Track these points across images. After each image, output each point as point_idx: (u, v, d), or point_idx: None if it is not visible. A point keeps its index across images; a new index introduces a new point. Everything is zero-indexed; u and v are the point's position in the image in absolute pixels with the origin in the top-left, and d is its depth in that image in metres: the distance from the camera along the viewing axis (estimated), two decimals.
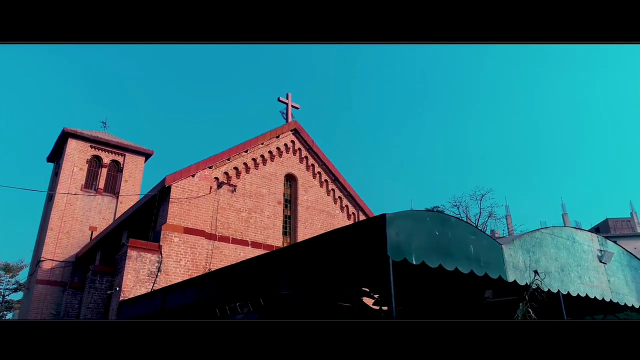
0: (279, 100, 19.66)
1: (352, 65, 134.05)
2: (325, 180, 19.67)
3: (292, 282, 8.08)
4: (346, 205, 19.92)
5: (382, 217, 5.55)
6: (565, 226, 9.60)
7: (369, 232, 5.80)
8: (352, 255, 6.06)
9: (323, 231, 18.52)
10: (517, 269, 6.98)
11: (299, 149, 19.26)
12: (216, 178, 16.42)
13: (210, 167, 16.27)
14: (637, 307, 9.22)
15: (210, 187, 16.13)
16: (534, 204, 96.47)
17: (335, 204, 19.70)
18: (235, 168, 17.05)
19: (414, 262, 5.58)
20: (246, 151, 17.42)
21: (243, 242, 16.29)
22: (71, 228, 23.46)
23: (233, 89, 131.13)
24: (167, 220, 14.75)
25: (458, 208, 47.96)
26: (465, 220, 44.32)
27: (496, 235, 50.21)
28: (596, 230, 62.78)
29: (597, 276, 8.58)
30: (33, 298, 22.04)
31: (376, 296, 11.18)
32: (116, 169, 25.98)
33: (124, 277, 13.50)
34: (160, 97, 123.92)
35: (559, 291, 7.54)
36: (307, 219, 18.39)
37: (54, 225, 23.08)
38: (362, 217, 20.05)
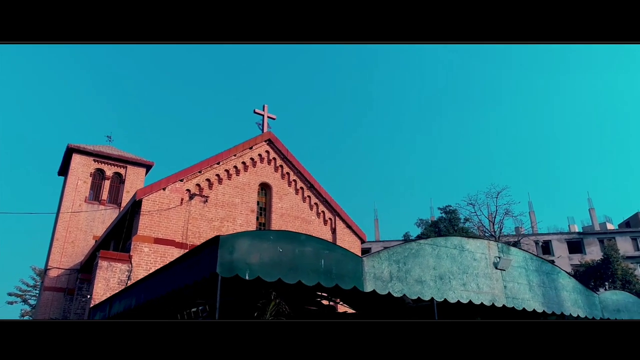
0: (254, 112, 20.50)
1: (342, 66, 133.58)
2: (301, 188, 20.37)
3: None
4: (322, 211, 20.55)
5: (216, 238, 6.25)
6: (454, 235, 9.96)
7: (206, 252, 6.52)
8: (201, 273, 6.75)
9: None
10: (379, 279, 7.50)
11: (274, 158, 20.05)
12: (188, 190, 17.41)
13: (181, 180, 17.28)
14: (539, 311, 9.49)
15: (182, 199, 17.13)
16: (561, 200, 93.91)
17: (312, 210, 20.36)
18: (208, 180, 18.01)
19: (247, 278, 6.24)
20: (218, 163, 18.35)
21: None
22: (76, 238, 25.10)
23: (214, 96, 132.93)
24: (138, 231, 15.84)
25: (473, 206, 47.67)
26: (478, 217, 43.91)
27: (521, 232, 49.52)
28: (626, 224, 60.64)
29: (489, 283, 8.92)
30: (41, 304, 23.78)
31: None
32: (119, 180, 27.52)
33: (94, 286, 14.67)
34: (161, 106, 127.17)
35: (432, 298, 8.00)
36: (281, 226, 19.13)
37: (60, 235, 24.78)
38: (338, 222, 20.65)
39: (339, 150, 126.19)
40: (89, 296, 14.69)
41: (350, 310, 14.76)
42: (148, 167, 28.50)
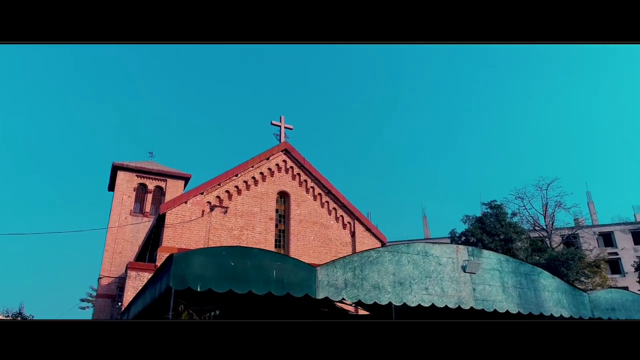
0: (272, 124, 21.47)
1: (362, 66, 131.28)
2: (319, 194, 21.07)
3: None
4: (341, 216, 21.15)
5: (170, 256, 7.15)
6: (419, 241, 10.26)
7: (165, 269, 7.43)
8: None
9: (316, 242, 20.04)
10: (332, 286, 8.09)
11: (291, 167, 20.90)
12: (208, 202, 18.64)
13: (202, 193, 18.54)
14: (514, 312, 9.65)
15: (203, 211, 18.38)
16: (625, 188, 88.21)
17: (330, 215, 21.01)
18: (227, 191, 19.15)
19: (199, 289, 7.09)
20: (236, 175, 19.45)
21: None
22: (123, 248, 27.28)
23: (233, 105, 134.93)
24: (163, 243, 17.23)
25: (522, 200, 46.19)
26: (527, 211, 42.65)
27: (580, 223, 47.29)
28: None
29: (455, 286, 9.23)
30: (95, 310, 26.09)
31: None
32: (160, 193, 29.53)
33: (125, 293, 16.19)
34: (192, 121, 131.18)
35: (390, 302, 8.48)
36: (300, 232, 19.94)
37: (109, 246, 27.05)
38: (357, 226, 21.16)
39: (375, 150, 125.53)
40: (119, 303, 16.23)
41: (365, 312, 15.35)
42: (186, 179, 30.34)
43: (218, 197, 18.91)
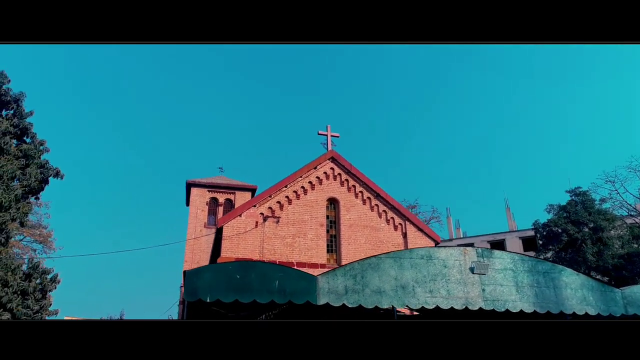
0: (319, 133, 22.42)
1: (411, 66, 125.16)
2: (368, 198, 21.61)
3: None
4: (392, 218, 21.50)
5: (184, 273, 8.29)
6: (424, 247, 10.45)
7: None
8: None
9: (367, 245, 20.62)
10: (333, 293, 8.76)
11: (339, 174, 21.67)
12: (261, 214, 19.99)
13: (254, 206, 19.94)
14: (528, 312, 9.62)
15: (257, 222, 19.76)
16: None
17: (380, 217, 21.45)
18: (278, 202, 20.39)
19: (208, 300, 8.15)
20: (286, 186, 20.63)
21: (289, 264, 19.42)
22: (200, 259, 29.70)
23: (284, 117, 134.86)
24: (221, 254, 18.84)
25: (613, 183, 42.82)
26: (620, 195, 39.57)
27: None
28: None
29: (462, 288, 9.45)
30: (179, 315, 28.70)
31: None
32: (230, 205, 31.71)
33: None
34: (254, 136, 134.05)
35: (392, 306, 8.97)
36: (350, 236, 20.63)
37: (187, 257, 29.64)
38: (409, 227, 21.38)
39: (446, 146, 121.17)
40: None
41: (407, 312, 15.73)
42: (252, 190, 32.28)
43: (270, 208, 20.20)
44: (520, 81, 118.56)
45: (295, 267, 19.34)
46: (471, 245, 53.10)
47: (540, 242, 40.28)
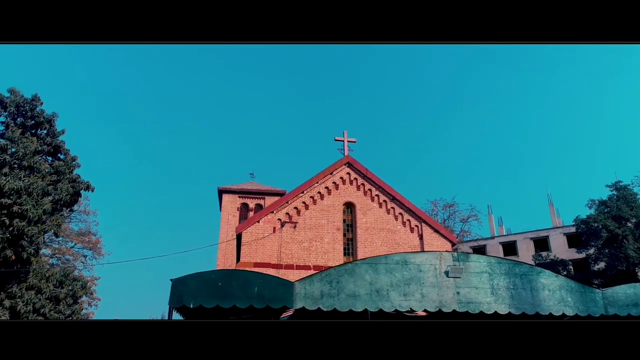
0: (335, 140, 23.08)
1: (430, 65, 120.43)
2: (384, 201, 22.04)
3: None
4: (408, 220, 21.82)
5: (171, 280, 9.28)
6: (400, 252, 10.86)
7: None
8: None
9: (384, 247, 21.09)
10: (309, 297, 9.46)
11: (355, 178, 22.24)
12: (279, 219, 20.92)
13: (272, 212, 20.90)
14: (503, 313, 9.92)
15: (274, 228, 20.70)
16: None
17: (397, 220, 21.84)
18: (295, 208, 21.24)
19: (191, 306, 9.08)
20: (303, 192, 21.45)
21: (306, 267, 20.26)
22: (232, 263, 31.05)
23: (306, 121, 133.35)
24: (241, 259, 19.93)
25: None
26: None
27: None
28: None
29: (437, 291, 9.89)
30: None
31: None
32: (260, 209, 32.91)
33: None
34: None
35: (366, 309, 9.56)
36: (367, 239, 21.17)
37: (220, 261, 31.11)
38: (425, 229, 21.64)
39: (486, 142, 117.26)
40: None
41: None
42: (281, 194, 33.30)
43: (287, 213, 21.09)
44: (567, 81, 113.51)
45: (312, 270, 20.19)
46: (513, 243, 51.97)
47: (583, 239, 38.97)
